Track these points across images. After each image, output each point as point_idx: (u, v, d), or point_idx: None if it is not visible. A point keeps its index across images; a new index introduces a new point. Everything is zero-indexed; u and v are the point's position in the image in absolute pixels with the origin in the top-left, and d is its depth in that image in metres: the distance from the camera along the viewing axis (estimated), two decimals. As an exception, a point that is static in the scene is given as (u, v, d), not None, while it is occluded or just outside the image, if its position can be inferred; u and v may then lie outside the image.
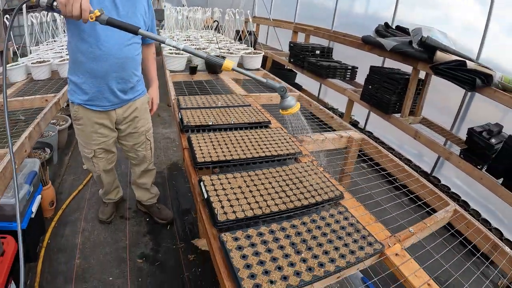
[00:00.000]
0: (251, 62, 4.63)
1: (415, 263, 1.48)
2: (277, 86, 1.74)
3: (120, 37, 2.30)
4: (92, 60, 2.31)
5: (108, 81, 2.42)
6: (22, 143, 2.25)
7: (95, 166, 2.90)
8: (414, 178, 2.28)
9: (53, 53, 4.50)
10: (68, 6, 1.52)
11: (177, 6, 8.84)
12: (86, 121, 2.60)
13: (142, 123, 2.85)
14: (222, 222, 1.48)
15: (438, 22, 4.85)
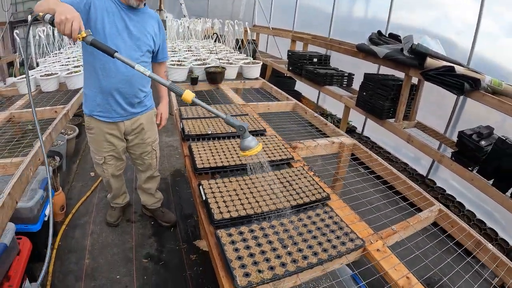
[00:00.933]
0: (250, 71, 4.75)
1: (396, 258, 1.62)
2: (236, 125, 1.68)
3: (128, 56, 2.46)
4: (101, 75, 2.52)
5: (116, 95, 2.61)
6: (36, 152, 2.41)
7: (104, 171, 3.10)
8: (401, 180, 2.40)
9: (60, 65, 4.66)
10: (61, 25, 1.71)
11: (178, 19, 9.03)
12: (97, 131, 2.81)
13: (148, 135, 3.03)
14: (218, 220, 1.65)
15: (436, 23, 5.02)
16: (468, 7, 4.50)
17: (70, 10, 1.76)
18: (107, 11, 2.40)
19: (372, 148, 5.76)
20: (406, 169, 5.10)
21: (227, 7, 12.09)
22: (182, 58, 5.06)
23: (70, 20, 1.71)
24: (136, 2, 2.44)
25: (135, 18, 2.52)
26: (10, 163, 2.30)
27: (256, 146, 1.67)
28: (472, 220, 4.05)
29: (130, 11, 2.50)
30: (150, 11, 2.70)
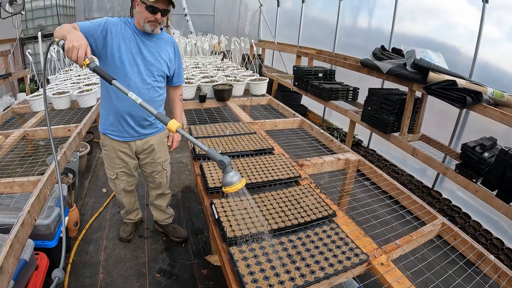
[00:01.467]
0: (257, 88, 4.84)
1: (399, 271, 1.70)
2: (217, 159, 1.67)
3: (141, 81, 2.64)
4: (114, 98, 2.67)
5: (127, 118, 2.75)
6: (52, 171, 2.52)
7: (116, 186, 3.24)
8: (405, 195, 2.48)
9: (71, 83, 4.81)
10: (69, 53, 1.91)
11: (184, 35, 9.17)
12: (110, 148, 2.96)
13: (159, 155, 3.16)
14: (231, 238, 1.76)
15: (440, 31, 5.08)
16: (470, 14, 4.58)
17: (78, 38, 1.94)
18: (123, 37, 2.54)
19: (378, 161, 5.83)
20: (412, 182, 5.15)
21: (233, 22, 12.25)
22: (190, 75, 5.18)
23: (76, 48, 1.90)
24: (150, 28, 2.55)
25: (149, 44, 2.64)
26: (27, 181, 2.42)
27: (238, 182, 1.65)
28: (478, 231, 4.08)
29: (145, 37, 2.63)
30: (166, 36, 2.82)
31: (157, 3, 2.43)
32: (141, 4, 2.48)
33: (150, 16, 2.49)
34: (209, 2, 11.90)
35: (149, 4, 2.43)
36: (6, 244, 1.70)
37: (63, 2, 9.39)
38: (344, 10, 7.42)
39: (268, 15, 11.47)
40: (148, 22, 2.52)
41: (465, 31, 4.72)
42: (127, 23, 2.60)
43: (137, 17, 2.56)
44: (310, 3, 8.89)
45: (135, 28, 2.60)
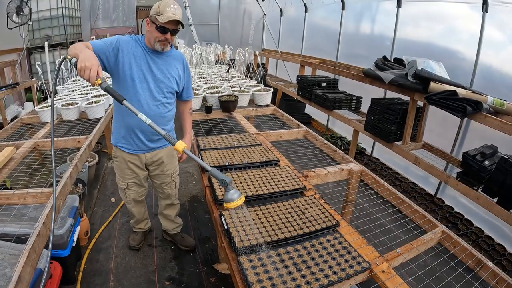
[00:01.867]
0: (261, 99, 4.92)
1: (400, 278, 1.79)
2: (219, 178, 1.76)
3: (151, 97, 2.76)
4: (126, 113, 2.79)
5: (137, 132, 2.88)
6: (65, 182, 2.62)
7: (126, 196, 3.36)
8: (407, 204, 2.56)
9: (79, 94, 4.91)
10: (81, 72, 1.98)
11: (189, 44, 9.29)
12: (121, 159, 3.09)
13: (168, 168, 3.28)
14: (240, 248, 1.85)
15: (442, 35, 5.14)
16: (473, 19, 4.61)
17: (90, 58, 2.03)
18: (134, 55, 2.66)
19: (382, 170, 5.89)
20: (415, 189, 5.21)
21: (237, 31, 12.35)
22: (196, 86, 5.27)
23: (88, 68, 1.98)
24: (160, 47, 2.67)
25: (159, 61, 2.75)
26: (41, 192, 2.50)
27: (238, 199, 1.75)
28: (480, 237, 4.14)
29: (155, 55, 2.74)
30: (176, 52, 2.93)
31: (167, 24, 2.53)
32: (151, 24, 2.60)
33: (160, 36, 2.60)
34: (213, 12, 12.02)
35: (159, 25, 2.54)
36: (23, 254, 1.78)
37: (69, 13, 9.52)
38: (347, 17, 7.50)
39: (271, 24, 11.58)
40: (159, 42, 2.63)
41: (468, 36, 4.76)
42: (138, 41, 2.72)
43: (148, 36, 2.68)
44: (312, 11, 8.98)
45: (145, 46, 2.71)
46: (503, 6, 4.21)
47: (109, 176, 5.41)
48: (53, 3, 9.01)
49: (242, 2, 12.20)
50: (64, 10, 9.12)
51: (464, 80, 4.28)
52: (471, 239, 4.06)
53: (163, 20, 2.52)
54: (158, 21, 2.53)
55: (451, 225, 4.32)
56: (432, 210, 4.60)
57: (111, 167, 5.68)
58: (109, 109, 4.63)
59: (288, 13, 10.50)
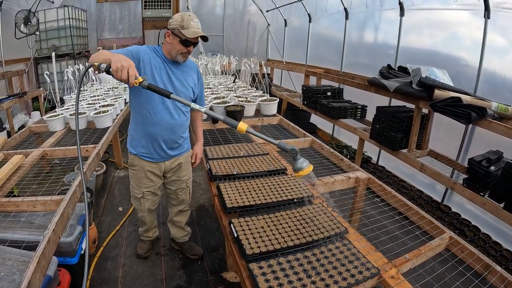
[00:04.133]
0: (267, 108, 4.94)
1: (408, 284, 1.80)
2: (288, 149, 1.90)
3: (173, 107, 2.83)
4: (148, 123, 2.85)
5: (160, 141, 2.94)
6: (74, 191, 2.66)
7: (141, 205, 3.38)
8: (414, 211, 2.57)
9: (87, 104, 4.95)
10: (119, 72, 2.01)
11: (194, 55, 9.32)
12: (140, 168, 3.12)
13: (184, 173, 3.34)
14: (250, 255, 1.88)
15: (445, 43, 5.19)
16: (475, 25, 4.65)
17: (125, 58, 2.07)
18: (154, 65, 2.72)
19: (388, 178, 5.91)
20: (421, 197, 5.23)
21: (241, 42, 12.46)
22: (222, 94, 5.35)
23: (126, 67, 2.01)
24: (183, 60, 2.79)
25: (177, 72, 2.84)
26: (50, 200, 2.54)
27: (307, 167, 1.91)
28: (488, 243, 4.15)
29: (174, 65, 2.82)
30: (190, 62, 3.03)
31: (193, 38, 2.63)
32: (174, 37, 2.67)
33: (183, 49, 2.69)
34: (218, 23, 12.14)
35: (184, 39, 2.61)
36: (33, 260, 1.81)
37: (76, 24, 9.64)
38: (350, 27, 7.58)
39: (276, 35, 11.67)
40: (181, 54, 2.72)
41: (470, 42, 4.82)
42: (156, 52, 2.79)
43: (168, 47, 2.75)
44: (316, 21, 9.06)
45: (164, 57, 2.79)
46: (504, 11, 4.26)
47: (116, 185, 5.45)
48: (61, 14, 9.18)
49: (247, 13, 12.32)
50: (71, 21, 9.27)
51: (468, 86, 4.32)
52: (478, 245, 4.06)
53: (190, 35, 2.60)
54: (184, 35, 2.60)
55: (458, 231, 4.33)
56: (439, 217, 4.61)
57: (119, 176, 5.73)
58: (117, 119, 4.68)
59: (292, 23, 10.59)
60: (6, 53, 7.85)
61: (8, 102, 6.30)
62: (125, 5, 11.29)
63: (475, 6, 4.54)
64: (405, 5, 5.83)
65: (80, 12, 9.99)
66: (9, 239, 2.27)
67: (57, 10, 9.22)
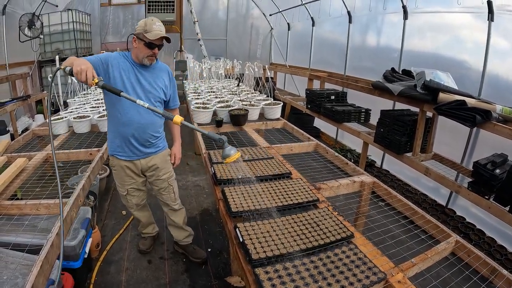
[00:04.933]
0: (271, 112, 4.95)
1: (415, 288, 1.81)
2: (216, 138, 2.15)
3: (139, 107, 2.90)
4: (120, 123, 3.01)
5: (131, 140, 3.09)
6: (78, 194, 2.69)
7: (128, 201, 3.53)
8: (419, 214, 2.56)
9: (90, 107, 5.01)
10: (79, 75, 2.24)
11: (198, 59, 9.38)
12: (118, 168, 3.29)
13: (163, 172, 3.44)
14: (256, 260, 1.86)
15: (448, 46, 5.21)
16: (477, 28, 4.69)
17: (85, 62, 2.30)
18: (123, 69, 2.90)
19: (392, 181, 5.89)
20: (426, 200, 5.21)
21: (245, 46, 12.51)
22: (206, 100, 5.33)
23: (84, 70, 2.24)
24: (149, 62, 2.97)
25: (146, 74, 3.01)
26: (53, 203, 2.55)
27: (234, 154, 2.14)
28: (493, 246, 4.13)
29: (142, 68, 3.00)
30: (161, 64, 3.20)
31: (156, 40, 2.81)
32: (139, 41, 2.86)
33: (148, 52, 2.88)
34: (221, 27, 12.20)
35: (148, 41, 2.79)
36: (36, 264, 1.82)
37: (80, 27, 9.71)
38: (354, 30, 7.59)
39: (279, 38, 11.69)
40: (147, 57, 2.90)
41: (474, 45, 4.83)
42: (126, 57, 2.97)
43: (135, 52, 2.94)
44: (319, 24, 9.09)
45: (132, 61, 2.97)
46: (508, 14, 4.26)
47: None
48: (65, 18, 9.28)
49: (250, 17, 12.38)
50: (75, 24, 9.36)
51: (471, 89, 4.30)
52: (483, 249, 4.05)
53: (152, 37, 2.79)
54: (147, 38, 2.80)
55: (463, 235, 4.30)
56: (444, 221, 4.59)
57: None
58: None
59: (295, 27, 10.62)
60: (10, 56, 7.92)
61: (11, 105, 6.33)
62: (128, 9, 11.35)
63: (478, 9, 4.55)
64: (408, 8, 5.84)
65: (84, 15, 10.07)
66: (12, 242, 2.28)
67: (61, 14, 9.31)
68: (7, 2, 7.62)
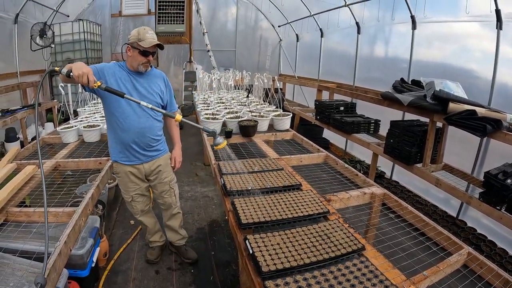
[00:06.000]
0: (280, 123, 4.96)
1: (427, 301, 1.79)
2: (209, 131, 2.52)
3: (138, 113, 3.07)
4: (119, 130, 3.10)
5: (132, 145, 3.17)
6: (87, 203, 2.70)
7: (134, 208, 3.58)
8: (431, 226, 2.54)
9: (100, 116, 5.04)
10: (80, 78, 2.34)
11: (207, 69, 9.44)
12: (123, 174, 3.36)
13: (165, 175, 3.55)
14: (265, 272, 1.85)
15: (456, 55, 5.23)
16: (485, 37, 4.69)
17: (85, 66, 2.41)
18: (119, 77, 3.03)
19: (402, 193, 5.86)
20: (436, 212, 5.18)
21: (254, 57, 12.58)
22: (215, 111, 5.35)
23: (85, 73, 2.34)
24: (144, 69, 3.10)
25: (141, 81, 3.12)
26: (62, 212, 2.57)
27: (223, 142, 2.53)
28: (504, 258, 4.09)
29: (138, 76, 3.15)
30: (156, 71, 3.33)
31: (150, 48, 2.94)
32: (133, 50, 2.98)
33: (143, 59, 3.01)
34: (231, 38, 12.28)
35: (143, 50, 2.91)
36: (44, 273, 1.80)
37: (91, 37, 9.84)
38: (362, 40, 7.62)
39: (287, 50, 11.74)
40: (142, 64, 3.01)
41: (482, 54, 4.85)
42: (121, 66, 3.09)
43: (130, 60, 3.06)
44: (328, 36, 9.13)
45: (128, 70, 3.08)
46: (516, 22, 4.24)
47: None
48: (76, 28, 9.43)
49: (259, 29, 12.47)
50: (85, 34, 9.49)
51: (481, 98, 4.30)
52: (495, 261, 4.00)
53: (146, 45, 2.93)
54: (142, 46, 2.93)
55: (475, 246, 4.26)
56: (455, 232, 4.55)
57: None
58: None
59: (304, 38, 10.65)
60: (21, 65, 8.04)
61: (22, 113, 6.42)
62: (138, 20, 11.45)
63: (486, 17, 4.56)
64: (417, 18, 5.83)
65: (94, 26, 10.21)
66: (19, 249, 2.28)
67: (72, 24, 9.47)
68: (19, 11, 7.76)
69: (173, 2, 9.01)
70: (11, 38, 7.79)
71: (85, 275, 3.04)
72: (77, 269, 2.99)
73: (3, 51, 7.64)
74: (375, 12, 6.95)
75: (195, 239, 4.41)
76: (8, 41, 7.75)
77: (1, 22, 7.46)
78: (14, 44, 7.82)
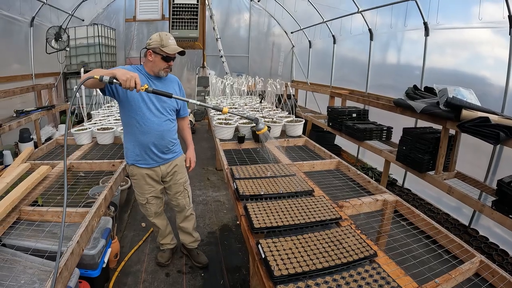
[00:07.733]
0: (293, 129, 4.97)
1: (439, 309, 1.79)
2: (252, 118, 2.78)
3: (157, 116, 3.14)
4: (139, 133, 3.14)
5: (151, 147, 3.23)
6: (100, 204, 2.75)
7: (148, 210, 3.62)
8: (443, 234, 2.54)
9: (114, 119, 5.15)
10: (127, 82, 2.41)
11: (220, 74, 9.49)
12: (139, 176, 3.39)
13: (180, 176, 3.63)
14: (277, 277, 1.86)
15: (469, 62, 5.22)
16: (498, 44, 4.69)
17: (129, 71, 2.46)
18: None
19: (414, 200, 5.84)
20: (448, 220, 5.15)
21: (266, 63, 12.64)
22: (228, 116, 5.37)
23: (134, 77, 2.43)
24: (165, 74, 3.19)
25: (159, 85, 3.17)
26: (75, 212, 2.62)
27: (264, 127, 2.75)
28: (515, 266, 4.05)
29: (156, 79, 3.19)
30: (171, 76, 3.37)
31: (172, 54, 3.05)
32: (155, 55, 3.05)
33: (165, 64, 3.11)
34: (243, 44, 12.36)
35: (165, 55, 2.98)
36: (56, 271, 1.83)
37: (105, 41, 9.98)
38: (374, 47, 7.62)
39: (300, 56, 11.77)
40: (163, 69, 3.09)
41: (494, 61, 4.84)
42: (140, 70, 3.10)
43: (150, 65, 3.13)
44: (340, 42, 9.15)
45: (146, 73, 3.13)
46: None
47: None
48: (90, 32, 9.61)
49: (271, 35, 12.53)
50: (100, 39, 9.65)
51: (494, 106, 4.28)
52: (507, 270, 3.97)
53: (170, 51, 3.01)
54: (165, 52, 3.00)
55: (487, 255, 4.23)
56: (467, 241, 4.51)
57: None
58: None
59: (316, 45, 10.68)
60: (37, 67, 8.22)
61: (36, 114, 6.53)
62: (152, 25, 11.58)
63: (498, 23, 4.56)
64: (429, 25, 5.83)
65: (109, 30, 10.35)
66: (32, 248, 2.31)
67: (87, 28, 9.64)
68: (35, 15, 7.91)
69: (187, 7, 9.07)
70: (27, 41, 7.98)
71: (96, 275, 3.08)
72: (88, 269, 3.03)
73: (19, 53, 7.82)
74: (388, 19, 6.95)
75: (206, 243, 4.43)
76: (24, 44, 7.93)
77: (18, 25, 7.63)
78: (29, 46, 8.01)
